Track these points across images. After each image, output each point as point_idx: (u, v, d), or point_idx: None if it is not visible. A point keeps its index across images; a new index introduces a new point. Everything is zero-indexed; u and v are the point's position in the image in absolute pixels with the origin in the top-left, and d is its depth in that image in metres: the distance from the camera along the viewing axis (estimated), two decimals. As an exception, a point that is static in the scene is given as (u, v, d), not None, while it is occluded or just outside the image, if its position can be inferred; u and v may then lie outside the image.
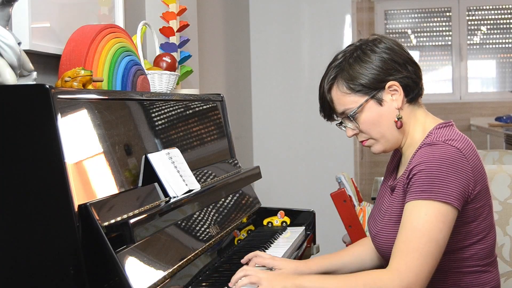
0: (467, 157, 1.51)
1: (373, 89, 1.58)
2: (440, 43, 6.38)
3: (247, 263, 1.68)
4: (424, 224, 1.45)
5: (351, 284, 1.47)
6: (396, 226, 1.57)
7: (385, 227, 1.62)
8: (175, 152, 1.69)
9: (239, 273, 1.53)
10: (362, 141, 1.66)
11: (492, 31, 6.30)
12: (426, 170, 1.48)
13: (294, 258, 1.92)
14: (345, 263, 1.77)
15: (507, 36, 6.28)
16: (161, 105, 1.78)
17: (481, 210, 1.57)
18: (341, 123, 1.66)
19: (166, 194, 1.56)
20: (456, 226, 1.52)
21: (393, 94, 1.59)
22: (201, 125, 2.04)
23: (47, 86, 1.23)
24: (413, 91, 1.61)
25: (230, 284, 1.53)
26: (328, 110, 1.66)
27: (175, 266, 1.45)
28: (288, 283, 1.49)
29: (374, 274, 1.48)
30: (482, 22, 6.31)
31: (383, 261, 1.72)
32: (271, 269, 1.65)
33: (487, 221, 1.59)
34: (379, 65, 1.58)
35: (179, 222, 1.58)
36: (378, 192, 1.79)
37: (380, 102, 1.59)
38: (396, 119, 1.59)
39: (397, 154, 1.75)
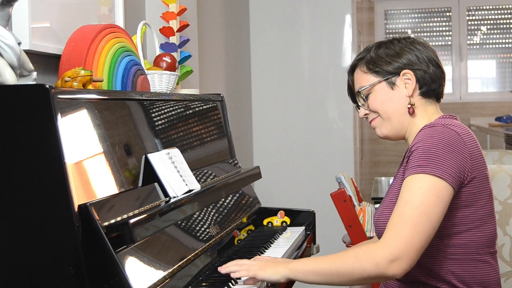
0: (465, 142, 1.56)
1: (389, 73, 1.69)
2: (440, 43, 6.38)
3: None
4: (418, 197, 1.48)
5: (343, 259, 1.50)
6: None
7: (386, 208, 1.64)
8: (175, 152, 1.69)
9: (233, 267, 1.55)
10: (370, 121, 1.75)
11: (492, 31, 6.30)
12: (423, 147, 1.53)
13: (294, 258, 1.92)
14: None
15: (507, 36, 6.28)
16: (161, 105, 1.78)
17: (478, 197, 1.59)
18: (358, 105, 1.77)
19: (166, 194, 1.56)
20: (452, 209, 1.55)
21: (406, 83, 1.68)
22: (201, 125, 2.04)
23: (47, 86, 1.23)
24: (427, 85, 1.68)
25: (220, 269, 1.55)
26: (350, 91, 1.80)
27: (175, 266, 1.45)
28: (280, 267, 1.52)
29: (366, 247, 1.51)
30: (482, 22, 6.31)
31: None
32: None
33: (485, 209, 1.61)
34: (401, 52, 1.69)
35: (179, 222, 1.58)
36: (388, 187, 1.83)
37: (392, 86, 1.69)
38: (409, 106, 1.68)
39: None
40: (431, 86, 1.69)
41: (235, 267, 1.55)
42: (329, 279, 1.52)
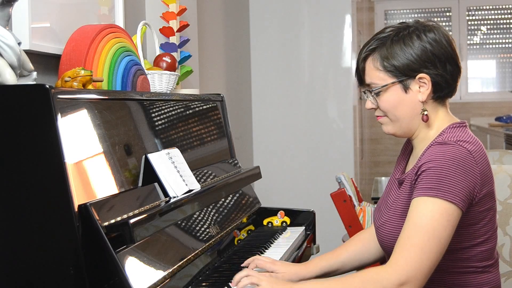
0: (477, 161, 1.51)
1: (404, 74, 1.58)
2: (440, 43, 6.37)
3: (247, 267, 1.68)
4: (428, 221, 1.45)
5: (350, 283, 1.46)
6: (401, 220, 1.57)
7: (389, 220, 1.62)
8: (175, 152, 1.69)
9: (242, 273, 1.53)
10: (377, 116, 1.67)
11: (492, 31, 6.30)
12: (435, 168, 1.48)
13: (294, 258, 1.92)
14: (344, 263, 1.77)
15: (507, 36, 6.28)
16: (161, 105, 1.78)
17: (485, 214, 1.57)
18: (365, 92, 1.67)
19: (166, 194, 1.56)
20: (459, 227, 1.51)
21: (421, 86, 1.58)
22: (201, 125, 2.04)
23: (47, 86, 1.23)
24: (442, 90, 1.59)
25: (231, 284, 1.53)
26: (359, 75, 1.67)
27: (175, 266, 1.45)
28: None
29: (373, 271, 1.48)
30: (482, 22, 6.31)
31: (385, 254, 1.72)
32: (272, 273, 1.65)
33: (490, 224, 1.59)
34: (418, 53, 1.57)
35: (179, 222, 1.58)
36: (386, 184, 1.80)
37: (406, 89, 1.59)
38: (422, 113, 1.59)
39: (408, 147, 1.75)
40: (445, 90, 1.60)
41: (243, 273, 1.53)
42: None
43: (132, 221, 1.29)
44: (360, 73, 1.66)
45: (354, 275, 1.51)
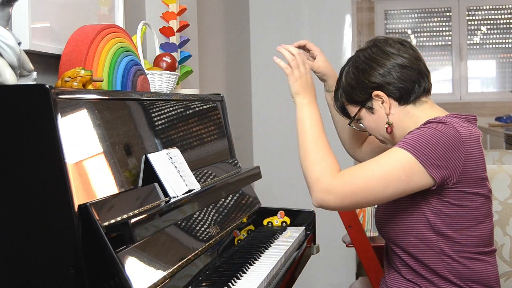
0: (464, 142, 1.55)
1: (362, 100, 1.68)
2: (440, 43, 6.38)
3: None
4: (390, 165, 1.52)
5: (315, 153, 1.62)
6: (402, 213, 1.62)
7: (392, 216, 1.66)
8: (175, 152, 1.69)
9: (293, 49, 1.75)
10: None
11: (492, 31, 6.30)
12: (420, 131, 1.55)
13: (294, 258, 1.92)
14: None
15: (507, 36, 6.28)
16: (161, 105, 1.78)
17: (473, 198, 1.59)
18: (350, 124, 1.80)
19: (166, 194, 1.56)
20: (442, 206, 1.57)
21: (382, 102, 1.66)
22: (201, 125, 2.04)
23: (47, 86, 1.23)
24: (401, 97, 1.64)
25: (279, 47, 1.80)
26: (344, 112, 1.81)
27: (175, 266, 1.45)
28: (301, 95, 1.69)
29: (331, 164, 1.58)
30: (482, 22, 6.31)
31: (388, 244, 1.77)
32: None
33: (481, 210, 1.62)
34: (365, 77, 1.66)
35: (179, 222, 1.58)
36: None
37: (371, 110, 1.68)
38: (386, 126, 1.67)
39: None
40: (408, 93, 1.64)
41: (288, 55, 1.76)
42: (299, 143, 1.69)
43: (132, 221, 1.29)
44: (342, 108, 1.79)
45: (326, 153, 1.62)
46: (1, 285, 1.24)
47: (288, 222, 2.25)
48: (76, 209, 1.22)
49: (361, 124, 1.75)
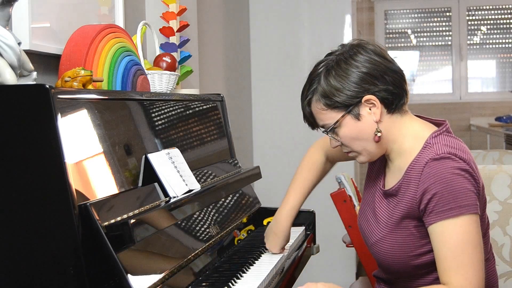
0: (472, 166, 1.53)
1: (349, 104, 1.54)
2: (440, 43, 6.38)
3: None
4: (464, 237, 1.48)
5: None
6: (396, 235, 1.58)
7: (387, 236, 1.61)
8: (175, 152, 1.69)
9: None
10: (346, 152, 1.64)
11: (492, 31, 6.30)
12: (444, 189, 1.49)
13: (294, 258, 1.92)
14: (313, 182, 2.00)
15: (507, 36, 6.28)
16: (161, 105, 1.78)
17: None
18: (324, 132, 1.63)
19: (166, 194, 1.56)
20: None
21: (371, 107, 1.55)
22: (201, 125, 2.04)
23: (47, 86, 1.23)
24: (392, 103, 1.56)
25: None
26: (310, 120, 1.64)
27: (175, 266, 1.45)
28: None
29: None
30: (482, 22, 6.31)
31: (381, 269, 1.73)
32: None
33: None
34: (355, 81, 1.53)
35: (179, 222, 1.58)
36: (363, 192, 1.78)
37: (357, 116, 1.55)
38: (375, 134, 1.56)
39: (376, 161, 1.72)
40: (395, 101, 1.56)
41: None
42: None
43: (132, 221, 1.29)
44: (309, 118, 1.63)
45: None
46: (1, 285, 1.24)
47: (288, 222, 2.25)
48: (76, 209, 1.22)
49: (330, 136, 1.61)
